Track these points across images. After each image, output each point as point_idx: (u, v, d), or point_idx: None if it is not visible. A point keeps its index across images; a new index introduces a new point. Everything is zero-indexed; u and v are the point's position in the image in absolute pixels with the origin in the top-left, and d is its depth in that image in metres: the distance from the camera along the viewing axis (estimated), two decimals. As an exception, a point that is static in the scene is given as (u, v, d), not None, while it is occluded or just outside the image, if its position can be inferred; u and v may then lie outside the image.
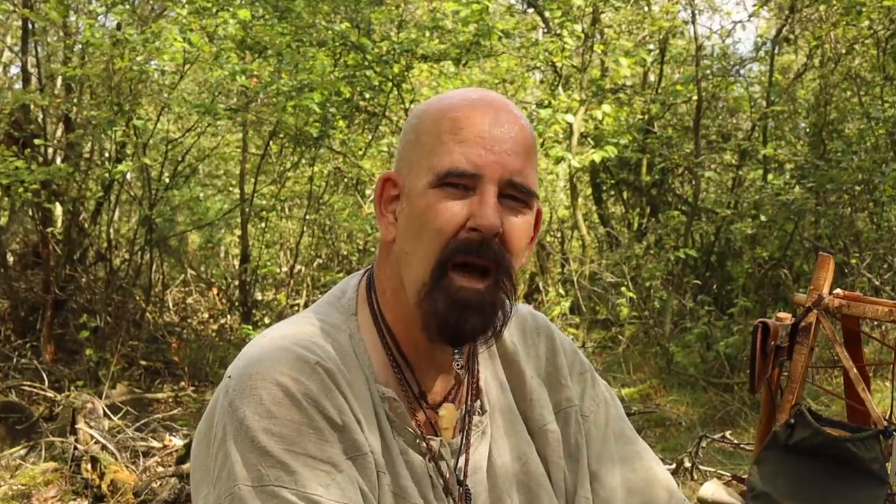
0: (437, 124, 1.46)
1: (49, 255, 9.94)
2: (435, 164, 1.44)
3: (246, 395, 1.37)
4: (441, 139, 1.44)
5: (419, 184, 1.45)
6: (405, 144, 1.51)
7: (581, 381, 1.68)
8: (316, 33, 9.33)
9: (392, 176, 1.52)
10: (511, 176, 1.44)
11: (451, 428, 1.52)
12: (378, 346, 1.50)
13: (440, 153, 1.44)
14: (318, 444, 1.35)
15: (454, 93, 1.52)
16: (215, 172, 12.65)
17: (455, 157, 1.42)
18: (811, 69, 11.25)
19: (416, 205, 1.45)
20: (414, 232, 1.45)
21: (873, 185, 9.30)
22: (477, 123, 1.44)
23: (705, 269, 11.18)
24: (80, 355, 9.44)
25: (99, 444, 6.36)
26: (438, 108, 1.49)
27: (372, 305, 1.53)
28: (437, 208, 1.42)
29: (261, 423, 1.34)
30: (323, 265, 11.59)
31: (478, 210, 1.41)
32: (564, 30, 9.35)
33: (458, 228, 1.42)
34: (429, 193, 1.44)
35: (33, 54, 10.53)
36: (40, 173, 8.97)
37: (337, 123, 9.66)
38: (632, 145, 11.16)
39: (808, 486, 3.00)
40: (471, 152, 1.42)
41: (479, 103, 1.47)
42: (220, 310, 11.76)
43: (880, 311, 3.08)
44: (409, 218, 1.46)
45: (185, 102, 9.60)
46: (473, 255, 1.42)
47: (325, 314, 1.52)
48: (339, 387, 1.40)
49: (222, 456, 1.36)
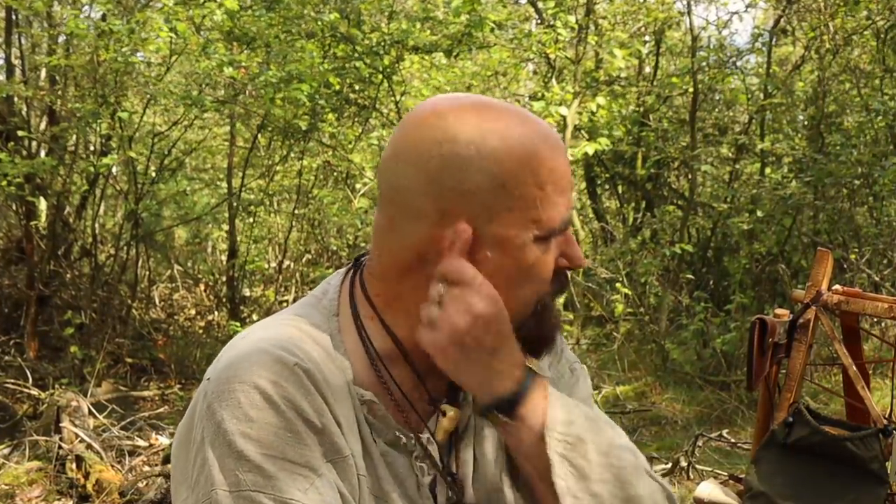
0: (535, 174, 1.40)
1: (33, 250, 9.91)
2: (544, 218, 1.41)
3: (224, 398, 1.34)
4: (545, 191, 1.41)
5: (522, 236, 1.41)
6: (481, 190, 1.39)
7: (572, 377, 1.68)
8: (305, 24, 9.26)
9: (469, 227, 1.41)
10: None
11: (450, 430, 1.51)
12: (359, 349, 1.47)
13: (548, 207, 1.41)
14: (297, 447, 1.33)
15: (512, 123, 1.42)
16: (202, 166, 12.75)
17: (562, 211, 1.42)
18: (809, 61, 11.28)
19: (518, 257, 1.41)
20: (515, 282, 1.43)
21: (873, 179, 9.28)
22: (563, 167, 1.43)
23: (702, 264, 11.21)
24: (65, 352, 9.42)
25: (84, 443, 6.37)
26: (523, 152, 1.40)
27: (355, 309, 1.50)
28: (544, 261, 1.43)
29: (238, 426, 1.32)
30: (312, 261, 11.68)
31: (570, 251, 1.45)
32: (558, 21, 9.29)
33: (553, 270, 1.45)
34: (534, 247, 1.41)
35: (17, 45, 10.54)
36: (24, 166, 8.92)
37: (326, 116, 9.64)
38: (627, 138, 11.19)
39: (807, 486, 2.99)
40: (569, 202, 1.44)
41: (556, 143, 1.44)
42: (207, 306, 11.82)
43: (880, 308, 3.08)
44: (505, 268, 1.42)
45: (171, 94, 9.58)
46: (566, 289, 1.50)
47: (305, 315, 1.49)
48: (318, 388, 1.37)
49: (200, 460, 1.34)
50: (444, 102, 1.46)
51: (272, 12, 9.06)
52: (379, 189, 1.51)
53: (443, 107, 1.44)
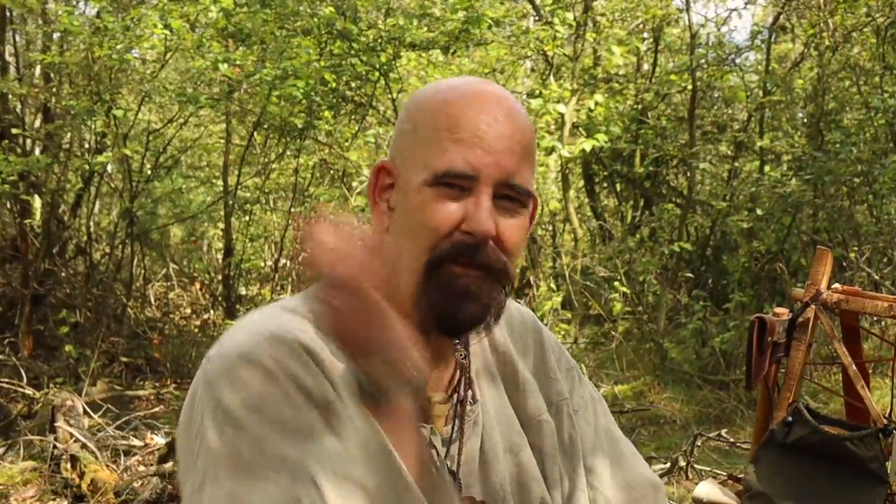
0: (434, 118, 1.45)
1: (27, 248, 9.89)
2: (431, 161, 1.43)
3: (224, 376, 1.36)
4: (438, 136, 1.43)
5: (415, 179, 1.44)
6: (400, 133, 1.51)
7: (569, 377, 1.70)
8: (300, 20, 9.24)
9: (387, 165, 1.51)
10: (507, 177, 1.43)
11: (443, 417, 1.52)
12: None
13: (437, 151, 1.43)
14: (297, 417, 1.33)
15: (452, 82, 1.51)
16: (198, 164, 12.79)
17: (452, 157, 1.41)
18: (809, 58, 11.28)
19: (412, 200, 1.44)
20: (409, 227, 1.45)
21: (872, 178, 9.30)
22: (474, 121, 1.43)
23: (700, 263, 11.20)
24: (60, 351, 9.39)
25: (79, 443, 6.35)
26: (436, 100, 1.48)
27: None
28: (432, 207, 1.42)
29: (237, 398, 1.33)
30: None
31: (473, 213, 1.41)
32: (556, 17, 9.30)
33: (452, 228, 1.42)
34: (424, 191, 1.43)
35: (11, 42, 10.52)
36: (18, 164, 8.93)
37: (322, 114, 9.62)
38: (625, 136, 11.18)
39: (806, 486, 2.99)
40: (468, 153, 1.41)
41: (477, 98, 1.46)
42: (202, 305, 11.81)
43: (880, 307, 3.08)
44: (405, 212, 1.46)
45: (166, 92, 9.56)
46: (466, 258, 1.42)
47: (301, 302, 1.50)
48: (319, 364, 1.38)
49: (201, 437, 1.35)
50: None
51: (267, 9, 9.04)
52: None
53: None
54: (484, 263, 1.42)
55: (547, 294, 9.78)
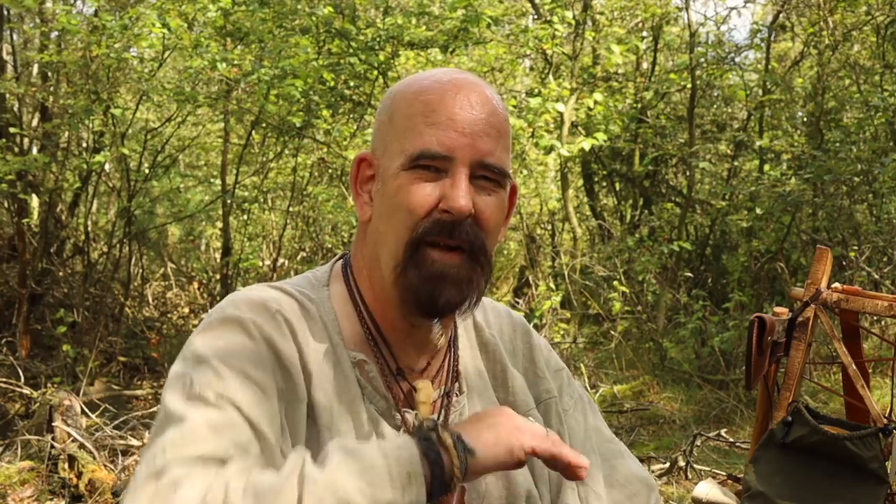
0: (410, 106, 1.50)
1: (25, 247, 9.87)
2: (407, 146, 1.48)
3: (204, 329, 1.45)
4: (413, 121, 1.49)
5: (392, 165, 1.50)
6: (379, 125, 1.56)
7: (557, 377, 1.74)
8: (299, 19, 9.21)
9: (367, 156, 1.57)
10: (482, 157, 1.48)
11: (428, 404, 1.55)
12: (353, 318, 1.55)
13: (412, 136, 1.48)
14: (258, 369, 1.39)
15: (427, 74, 1.56)
16: (196, 163, 12.78)
17: (426, 140, 1.47)
18: (808, 57, 11.28)
19: (390, 185, 1.49)
20: (388, 212, 1.50)
21: (872, 176, 9.26)
22: (448, 106, 1.48)
23: (700, 262, 11.21)
24: (57, 351, 9.40)
25: (76, 443, 6.33)
26: (411, 90, 1.53)
27: (347, 281, 1.59)
28: (409, 189, 1.47)
29: (209, 344, 1.41)
30: (307, 258, 11.73)
31: (449, 192, 1.46)
32: (555, 16, 9.28)
33: (430, 209, 1.47)
34: (401, 175, 1.48)
35: (9, 41, 10.51)
36: (16, 163, 8.91)
37: (321, 113, 9.60)
38: (624, 135, 11.16)
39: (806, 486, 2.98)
40: (442, 135, 1.46)
41: (450, 85, 1.51)
42: (200, 304, 11.83)
43: (880, 306, 3.06)
44: (384, 198, 1.51)
45: (164, 90, 9.54)
46: (446, 236, 1.47)
47: (295, 284, 1.58)
48: (294, 336, 1.46)
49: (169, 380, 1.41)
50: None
51: (266, 7, 9.03)
52: None
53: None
54: (463, 240, 1.47)
55: (546, 293, 9.75)
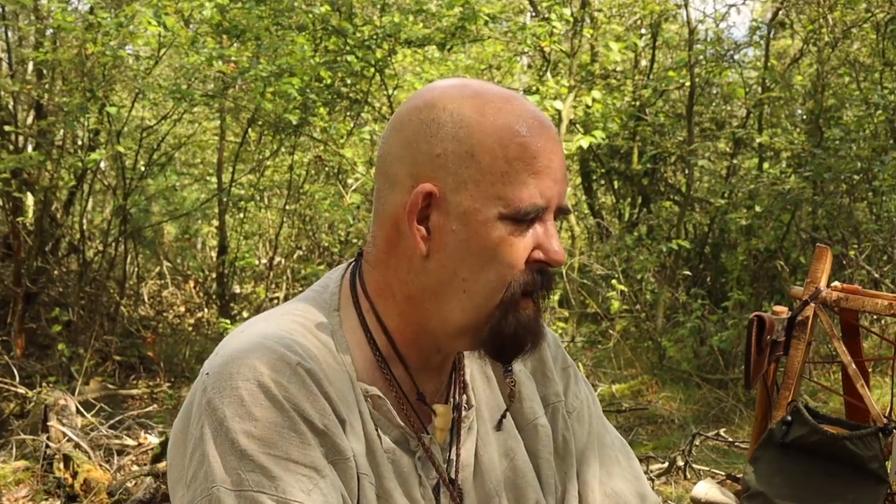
0: (504, 148, 1.39)
1: (20, 246, 9.86)
2: (510, 195, 1.39)
3: (226, 394, 1.33)
4: (513, 167, 1.39)
5: (485, 211, 1.39)
6: (450, 156, 1.40)
7: (564, 376, 1.68)
8: (295, 17, 9.20)
9: (433, 190, 1.41)
10: (562, 201, 1.44)
11: (445, 430, 1.51)
12: (363, 345, 1.47)
13: (516, 184, 1.39)
14: (301, 448, 1.32)
15: (494, 98, 1.42)
16: (192, 161, 12.81)
17: (532, 192, 1.39)
18: (808, 54, 11.25)
19: (481, 233, 1.40)
20: (478, 261, 1.41)
21: (872, 174, 9.26)
22: (545, 152, 1.40)
23: (699, 261, 11.20)
24: (52, 350, 9.40)
25: (72, 442, 6.36)
26: (497, 125, 1.40)
27: (357, 303, 1.49)
28: (510, 242, 1.40)
29: (241, 425, 1.31)
30: (303, 257, 11.73)
31: (547, 243, 1.42)
32: (553, 13, 9.29)
33: (526, 260, 1.41)
34: (499, 226, 1.39)
35: (4, 39, 10.52)
36: (10, 161, 8.91)
37: (318, 110, 9.56)
38: (622, 133, 11.16)
39: (805, 486, 2.93)
40: (543, 185, 1.40)
41: (539, 125, 1.42)
42: (196, 303, 11.87)
43: (880, 305, 3.01)
44: (469, 244, 1.40)
45: (159, 88, 9.54)
46: (546, 289, 1.44)
47: (305, 310, 1.48)
48: (321, 388, 1.37)
49: (199, 455, 1.33)
50: (443, 80, 1.48)
51: (262, 5, 9.01)
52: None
53: (438, 82, 1.47)
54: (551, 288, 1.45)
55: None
